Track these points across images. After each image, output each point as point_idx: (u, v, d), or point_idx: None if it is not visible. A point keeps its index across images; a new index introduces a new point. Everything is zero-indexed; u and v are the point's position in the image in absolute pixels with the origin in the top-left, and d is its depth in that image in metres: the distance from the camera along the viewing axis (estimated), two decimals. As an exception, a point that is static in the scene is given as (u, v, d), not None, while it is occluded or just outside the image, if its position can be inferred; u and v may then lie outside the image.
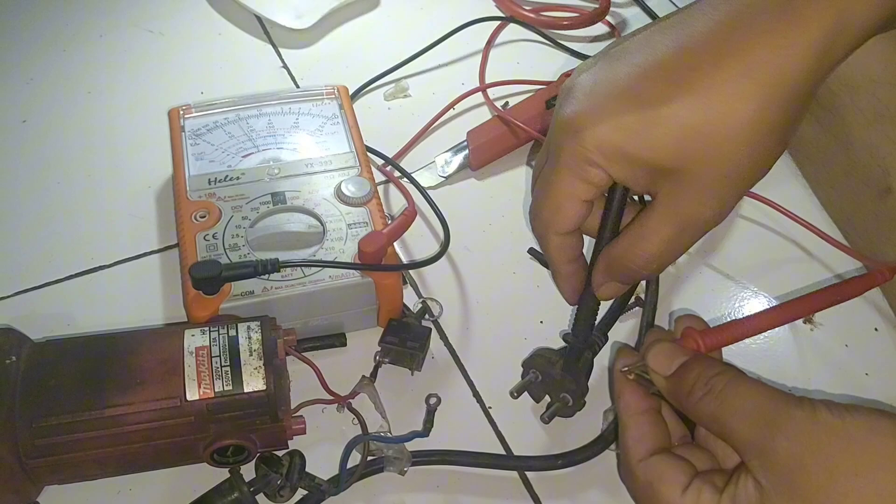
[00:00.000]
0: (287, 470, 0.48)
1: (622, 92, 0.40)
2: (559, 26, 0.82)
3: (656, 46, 0.40)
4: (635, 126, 0.39)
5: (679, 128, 0.38)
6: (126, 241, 0.63)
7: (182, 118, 0.64)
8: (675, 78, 0.38)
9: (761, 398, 0.38)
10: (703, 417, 0.41)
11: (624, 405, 0.45)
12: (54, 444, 0.45)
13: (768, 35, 0.37)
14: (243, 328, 0.49)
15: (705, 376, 0.41)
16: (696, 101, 0.38)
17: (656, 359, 0.43)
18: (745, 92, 0.37)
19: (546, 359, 0.52)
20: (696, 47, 0.38)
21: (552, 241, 0.47)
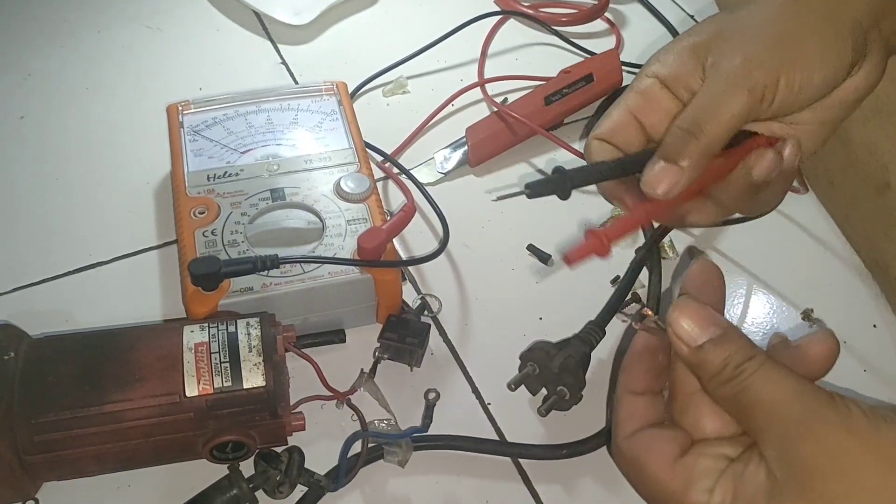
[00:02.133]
0: (286, 466, 0.48)
1: (682, 33, 0.46)
2: (558, 22, 0.82)
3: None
4: (685, 33, 0.45)
5: (718, 18, 0.45)
6: (124, 238, 0.63)
7: (181, 114, 0.64)
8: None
9: (793, 392, 0.35)
10: (724, 399, 0.37)
11: (624, 381, 0.42)
12: (53, 440, 0.45)
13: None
14: (242, 324, 0.49)
15: (736, 361, 0.37)
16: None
17: (684, 323, 0.38)
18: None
19: (544, 352, 0.52)
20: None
21: (591, 145, 0.46)
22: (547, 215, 0.66)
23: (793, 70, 0.42)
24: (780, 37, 0.42)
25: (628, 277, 0.59)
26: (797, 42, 0.42)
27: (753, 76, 0.41)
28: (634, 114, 0.46)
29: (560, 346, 0.52)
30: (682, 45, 0.45)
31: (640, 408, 0.41)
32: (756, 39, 0.43)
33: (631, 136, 0.46)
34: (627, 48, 0.81)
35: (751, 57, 0.42)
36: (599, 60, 0.74)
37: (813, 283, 0.62)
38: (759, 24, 0.43)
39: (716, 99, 0.42)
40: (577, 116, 0.73)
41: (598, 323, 0.56)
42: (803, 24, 0.42)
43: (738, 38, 0.43)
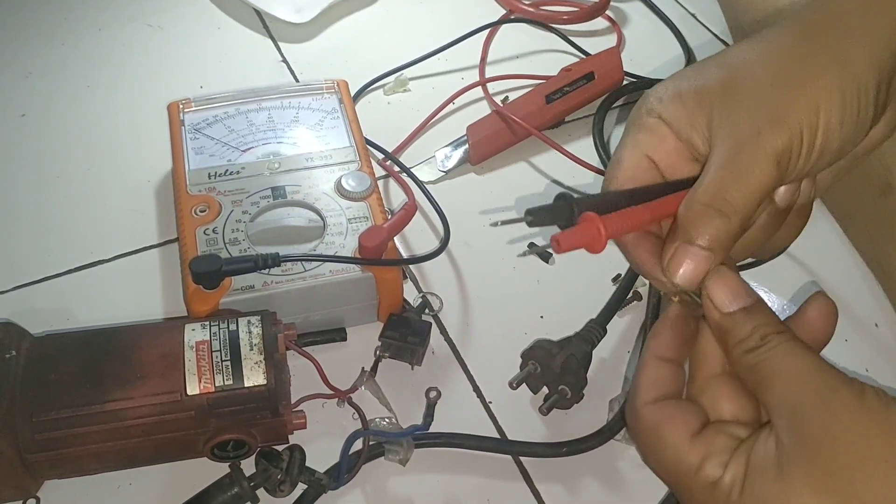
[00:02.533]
0: (287, 464, 0.48)
1: (683, 70, 0.43)
2: (559, 21, 0.82)
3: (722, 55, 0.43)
4: (683, 72, 0.42)
5: (725, 62, 0.41)
6: (126, 236, 0.63)
7: (182, 112, 0.64)
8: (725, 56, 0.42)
9: (812, 367, 0.36)
10: (744, 367, 0.37)
11: (653, 346, 0.40)
12: (54, 438, 0.45)
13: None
14: (244, 323, 0.49)
15: (763, 330, 0.37)
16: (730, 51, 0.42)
17: (719, 290, 0.38)
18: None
19: (546, 350, 0.52)
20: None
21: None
22: (548, 214, 0.66)
23: (814, 136, 0.39)
24: (798, 94, 0.39)
25: (629, 276, 0.59)
26: (816, 100, 0.39)
27: (778, 144, 0.38)
28: (647, 153, 0.43)
29: (561, 344, 0.53)
30: (685, 90, 0.41)
31: (664, 375, 0.40)
32: (772, 98, 0.39)
33: (650, 178, 0.43)
34: (628, 46, 0.81)
35: (773, 120, 0.39)
36: (600, 59, 0.74)
37: (815, 282, 0.62)
38: (774, 77, 0.40)
39: (743, 173, 0.38)
40: (578, 115, 0.73)
41: (600, 321, 0.56)
42: (823, 75, 0.39)
43: (750, 92, 0.40)
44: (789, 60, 0.40)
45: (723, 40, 0.82)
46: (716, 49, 0.81)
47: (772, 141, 0.38)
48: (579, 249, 0.39)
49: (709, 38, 0.82)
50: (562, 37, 0.80)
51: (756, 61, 0.41)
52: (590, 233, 0.38)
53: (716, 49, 0.81)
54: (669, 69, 0.77)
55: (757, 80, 0.40)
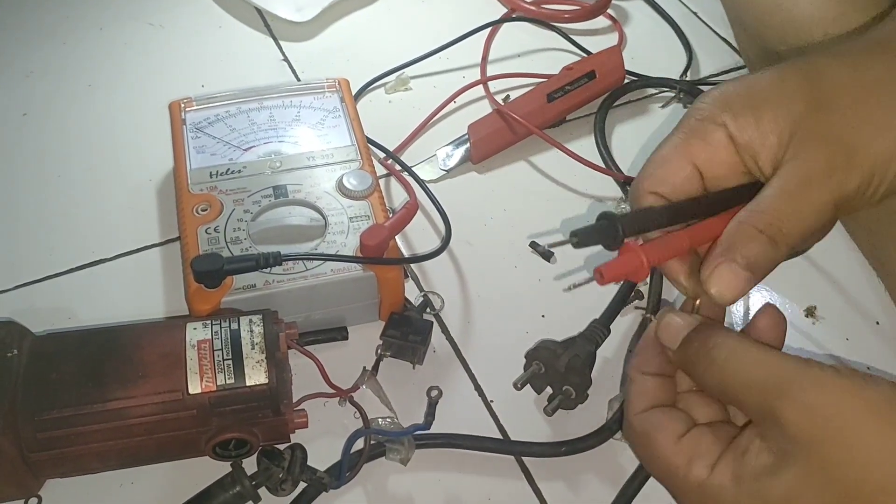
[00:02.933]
0: (289, 463, 0.48)
1: (757, 73, 0.42)
2: (560, 19, 0.82)
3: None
4: (755, 82, 0.41)
5: (814, 82, 0.40)
6: (127, 235, 0.63)
7: (183, 111, 0.64)
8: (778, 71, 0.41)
9: (765, 367, 0.37)
10: (713, 390, 0.39)
11: (637, 363, 0.42)
12: (56, 437, 0.46)
13: None
14: (245, 322, 0.49)
15: (705, 348, 0.39)
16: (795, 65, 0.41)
17: (664, 332, 0.41)
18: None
19: (550, 351, 0.52)
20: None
21: (645, 200, 0.42)
22: (549, 213, 0.66)
23: (881, 183, 0.39)
24: (882, 139, 0.38)
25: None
26: (891, 139, 0.38)
27: (848, 187, 0.38)
28: (694, 161, 0.41)
29: (566, 345, 0.52)
30: (762, 105, 0.40)
31: (650, 387, 0.42)
32: (856, 138, 0.38)
33: (688, 190, 0.41)
34: (630, 45, 0.81)
35: (849, 163, 0.38)
36: (602, 57, 0.74)
37: (816, 280, 0.62)
38: (864, 115, 0.39)
39: (805, 209, 0.38)
40: (579, 113, 0.73)
41: (603, 321, 0.56)
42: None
43: (837, 127, 0.38)
44: (881, 96, 0.39)
45: (724, 39, 0.82)
46: (717, 48, 0.81)
47: (842, 184, 0.38)
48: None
49: (711, 37, 0.82)
50: (563, 35, 0.80)
51: (847, 90, 0.39)
52: (633, 264, 0.38)
53: (717, 48, 0.81)
54: (671, 68, 0.77)
55: (845, 115, 0.39)
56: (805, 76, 0.40)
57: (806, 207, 0.38)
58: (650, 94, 0.76)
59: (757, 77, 0.41)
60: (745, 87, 0.41)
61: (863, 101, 0.39)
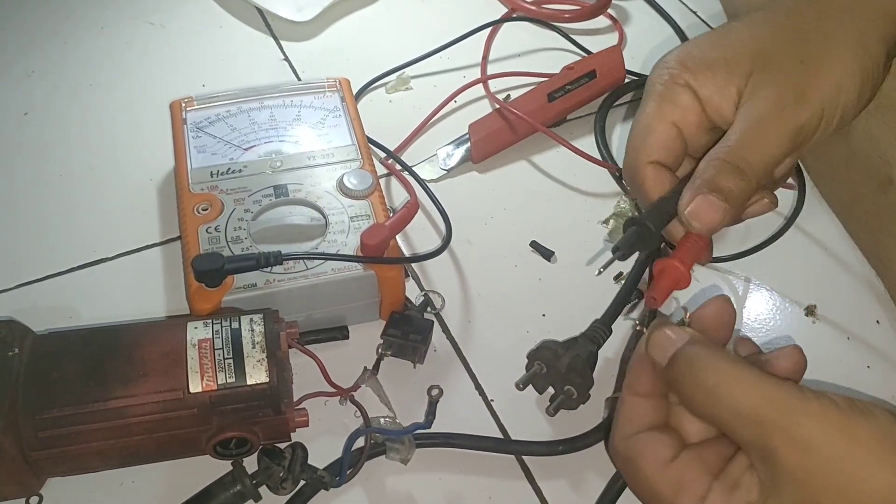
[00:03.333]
0: (289, 462, 0.48)
1: (709, 32, 0.46)
2: (561, 19, 0.82)
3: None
4: (711, 41, 0.44)
5: (753, 34, 0.43)
6: (128, 234, 0.63)
7: (184, 111, 0.64)
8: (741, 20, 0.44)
9: (758, 396, 0.35)
10: (701, 416, 0.38)
11: (628, 382, 0.42)
12: (57, 436, 0.46)
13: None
14: (246, 321, 0.49)
15: (693, 370, 0.38)
16: (756, 16, 0.44)
17: (654, 349, 0.40)
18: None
19: (552, 351, 0.52)
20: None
21: (645, 172, 0.44)
22: (550, 212, 0.66)
23: (833, 114, 0.41)
24: (824, 73, 0.41)
25: (633, 275, 0.59)
26: (840, 79, 0.41)
27: (800, 120, 0.41)
28: (674, 121, 0.44)
29: (567, 345, 0.52)
30: (716, 60, 0.43)
31: (641, 411, 0.41)
32: (800, 76, 0.41)
33: (678, 150, 0.44)
34: (630, 44, 0.81)
35: (798, 97, 0.41)
36: (602, 57, 0.74)
37: (815, 278, 0.62)
38: (802, 54, 0.42)
39: (764, 140, 0.41)
40: (580, 113, 0.73)
41: (605, 321, 0.55)
42: (846, 54, 0.42)
43: (781, 68, 0.42)
44: (815, 37, 0.42)
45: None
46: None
47: (794, 116, 0.41)
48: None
49: (710, 36, 0.82)
50: (563, 35, 0.80)
51: (784, 36, 0.42)
52: (675, 276, 0.41)
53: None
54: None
55: (787, 56, 0.42)
56: (746, 32, 0.43)
57: (764, 139, 0.41)
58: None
59: (709, 34, 0.45)
60: (699, 44, 0.44)
61: (801, 47, 0.42)
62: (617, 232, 0.64)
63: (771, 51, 0.42)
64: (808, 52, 0.42)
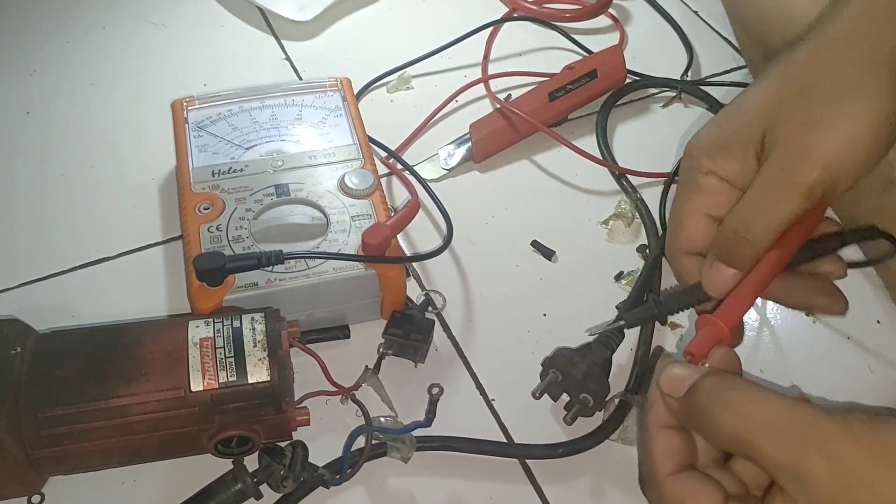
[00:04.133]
0: (290, 461, 0.48)
1: (719, 114, 0.47)
2: (562, 18, 0.82)
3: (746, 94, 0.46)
4: (725, 118, 0.46)
5: (756, 101, 0.44)
6: (129, 233, 0.63)
7: (185, 110, 0.64)
8: (752, 92, 0.45)
9: (788, 414, 0.35)
10: (726, 439, 0.37)
11: (654, 416, 0.41)
12: (59, 434, 0.46)
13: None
14: (247, 320, 0.49)
15: (718, 391, 0.37)
16: (763, 85, 0.45)
17: (668, 382, 0.40)
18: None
19: (567, 359, 0.51)
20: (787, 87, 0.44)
21: (680, 262, 0.48)
22: (551, 212, 0.66)
23: (847, 166, 0.42)
24: (830, 133, 0.42)
25: (642, 279, 0.59)
26: (846, 137, 0.42)
27: (804, 180, 0.42)
28: (706, 212, 0.47)
29: (582, 351, 0.52)
30: (732, 142, 0.45)
31: (675, 443, 0.40)
32: (805, 138, 0.42)
33: (710, 235, 0.46)
34: (631, 44, 0.81)
35: (802, 157, 0.42)
36: (603, 56, 0.75)
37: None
38: (806, 118, 0.42)
39: (763, 204, 0.43)
40: (580, 112, 0.73)
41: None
42: (854, 110, 0.42)
43: (786, 135, 0.43)
44: (824, 94, 0.42)
45: (725, 38, 0.82)
46: (719, 47, 0.81)
47: (796, 179, 0.42)
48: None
49: (712, 36, 0.82)
50: (564, 35, 0.80)
51: (792, 95, 0.43)
52: (716, 335, 0.42)
53: (719, 47, 0.81)
54: (672, 67, 0.77)
55: (792, 120, 0.43)
56: (754, 106, 0.45)
57: (763, 203, 0.42)
58: (651, 93, 0.76)
59: (727, 107, 0.47)
60: (717, 123, 0.46)
61: (805, 110, 0.43)
62: (617, 231, 0.64)
63: (778, 115, 0.43)
64: (813, 113, 0.42)
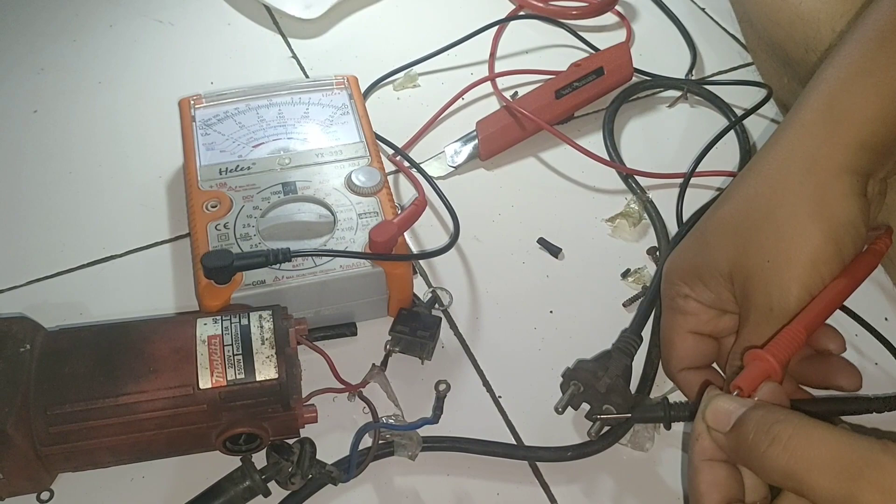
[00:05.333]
0: (298, 458, 0.48)
1: (690, 237, 0.51)
2: (568, 16, 0.82)
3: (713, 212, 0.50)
4: (695, 245, 0.49)
5: (719, 234, 0.48)
6: (137, 231, 0.64)
7: (193, 108, 0.64)
8: (718, 208, 0.49)
9: (839, 446, 0.34)
10: (775, 473, 0.36)
11: (699, 449, 0.41)
12: (68, 431, 0.46)
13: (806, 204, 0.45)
14: (255, 317, 0.49)
15: (766, 424, 0.37)
16: (725, 209, 0.49)
17: (714, 415, 0.39)
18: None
19: (590, 372, 0.51)
20: (744, 209, 0.47)
21: (678, 379, 0.51)
22: (558, 209, 0.66)
23: (819, 281, 0.44)
24: (795, 269, 0.44)
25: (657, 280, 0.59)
26: (812, 261, 0.44)
27: (787, 307, 0.44)
28: (693, 330, 0.50)
29: (602, 362, 0.52)
30: (705, 274, 0.48)
31: (721, 476, 0.40)
32: (775, 276, 0.45)
33: (700, 351, 0.50)
34: (638, 41, 0.81)
35: (782, 296, 0.44)
36: (610, 54, 0.74)
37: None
38: (770, 256, 0.45)
39: (757, 337, 0.45)
40: (587, 110, 0.73)
41: (634, 330, 0.55)
42: (812, 236, 0.44)
43: (758, 274, 0.45)
44: (773, 223, 0.45)
45: (732, 35, 0.82)
46: (726, 44, 0.81)
47: (781, 311, 0.44)
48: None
49: (719, 32, 0.82)
50: (571, 32, 0.80)
51: (747, 232, 0.46)
52: (765, 370, 0.42)
53: (726, 44, 0.81)
54: (679, 64, 0.77)
55: (754, 260, 0.46)
56: (718, 232, 0.48)
57: (759, 335, 0.45)
58: (658, 91, 0.76)
59: (691, 244, 0.50)
60: (686, 258, 0.50)
61: (767, 248, 0.45)
62: (622, 229, 0.64)
63: (740, 256, 0.46)
64: (769, 249, 0.45)
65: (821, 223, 0.44)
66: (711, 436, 0.40)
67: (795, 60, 0.66)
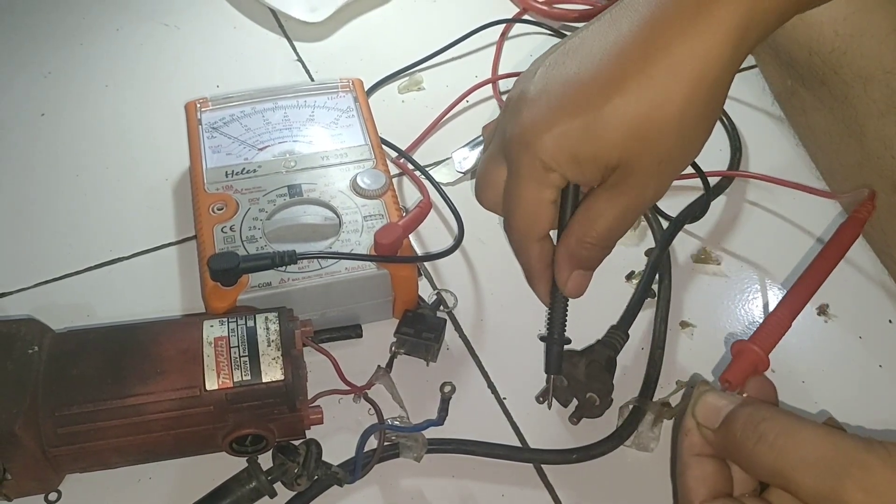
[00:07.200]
0: (304, 459, 0.48)
1: (564, 100, 0.43)
2: (571, 19, 0.82)
3: (590, 50, 0.43)
4: (580, 132, 0.42)
5: (618, 127, 0.42)
6: (144, 233, 0.64)
7: (199, 111, 0.65)
8: (609, 82, 0.42)
9: (824, 444, 0.35)
10: (762, 470, 0.37)
11: (688, 444, 0.41)
12: (76, 432, 0.46)
13: (686, 35, 0.40)
14: (261, 319, 0.50)
15: (753, 422, 0.37)
16: (628, 101, 0.41)
17: (704, 412, 0.40)
18: (670, 90, 0.41)
19: (568, 361, 0.52)
20: (624, 51, 0.42)
21: (533, 249, 0.49)
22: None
23: (665, 177, 0.44)
24: (644, 145, 0.42)
25: (645, 280, 0.59)
26: (658, 150, 0.42)
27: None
28: (551, 201, 0.47)
29: (583, 352, 0.52)
30: (587, 161, 0.44)
31: (711, 471, 0.40)
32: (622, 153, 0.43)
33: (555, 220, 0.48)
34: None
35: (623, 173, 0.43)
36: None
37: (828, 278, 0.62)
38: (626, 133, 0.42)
39: (590, 221, 0.45)
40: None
41: (621, 326, 0.55)
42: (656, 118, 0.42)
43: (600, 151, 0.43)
44: (634, 107, 0.42)
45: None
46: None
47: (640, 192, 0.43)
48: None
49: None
50: (575, 35, 0.80)
51: (648, 136, 0.43)
52: (752, 360, 0.42)
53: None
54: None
55: (611, 132, 0.42)
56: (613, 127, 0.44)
57: (590, 222, 0.45)
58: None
59: (567, 129, 0.45)
60: (564, 142, 0.45)
61: (622, 127, 0.42)
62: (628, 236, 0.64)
63: (632, 157, 0.43)
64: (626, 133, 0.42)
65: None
66: (701, 432, 0.40)
67: (799, 63, 0.66)
